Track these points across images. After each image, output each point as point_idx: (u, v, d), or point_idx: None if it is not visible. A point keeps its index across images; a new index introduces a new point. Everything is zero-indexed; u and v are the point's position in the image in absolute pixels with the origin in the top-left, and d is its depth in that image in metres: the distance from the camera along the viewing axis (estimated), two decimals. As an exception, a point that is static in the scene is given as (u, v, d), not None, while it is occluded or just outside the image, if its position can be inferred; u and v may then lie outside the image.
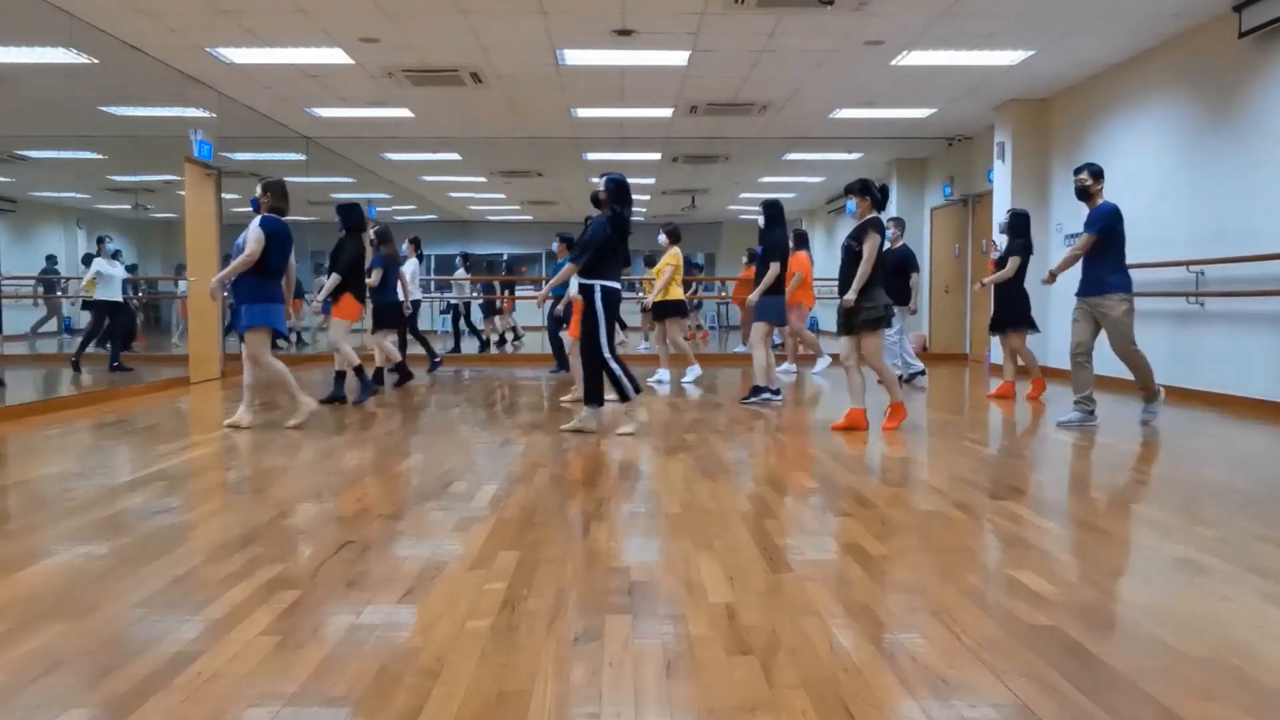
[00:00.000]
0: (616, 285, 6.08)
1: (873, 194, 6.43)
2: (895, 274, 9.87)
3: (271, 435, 6.15)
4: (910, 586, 2.91)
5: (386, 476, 4.78)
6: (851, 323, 6.24)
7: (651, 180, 17.70)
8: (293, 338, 14.92)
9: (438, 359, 11.13)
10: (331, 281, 7.78)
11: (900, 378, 9.73)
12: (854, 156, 14.76)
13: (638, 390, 6.17)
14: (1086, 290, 6.44)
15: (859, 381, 6.39)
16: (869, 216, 6.37)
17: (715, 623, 2.57)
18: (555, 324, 9.52)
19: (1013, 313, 8.12)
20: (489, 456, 5.36)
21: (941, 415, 7.34)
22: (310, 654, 2.35)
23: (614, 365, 6.01)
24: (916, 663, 2.29)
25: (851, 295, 6.18)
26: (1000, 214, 10.92)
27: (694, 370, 10.01)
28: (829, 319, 11.66)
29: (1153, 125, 8.76)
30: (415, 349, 11.08)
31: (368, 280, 8.94)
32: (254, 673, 2.24)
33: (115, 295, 10.83)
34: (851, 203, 6.54)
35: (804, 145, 13.66)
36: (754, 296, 7.73)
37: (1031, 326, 8.18)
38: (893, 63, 9.03)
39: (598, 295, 5.91)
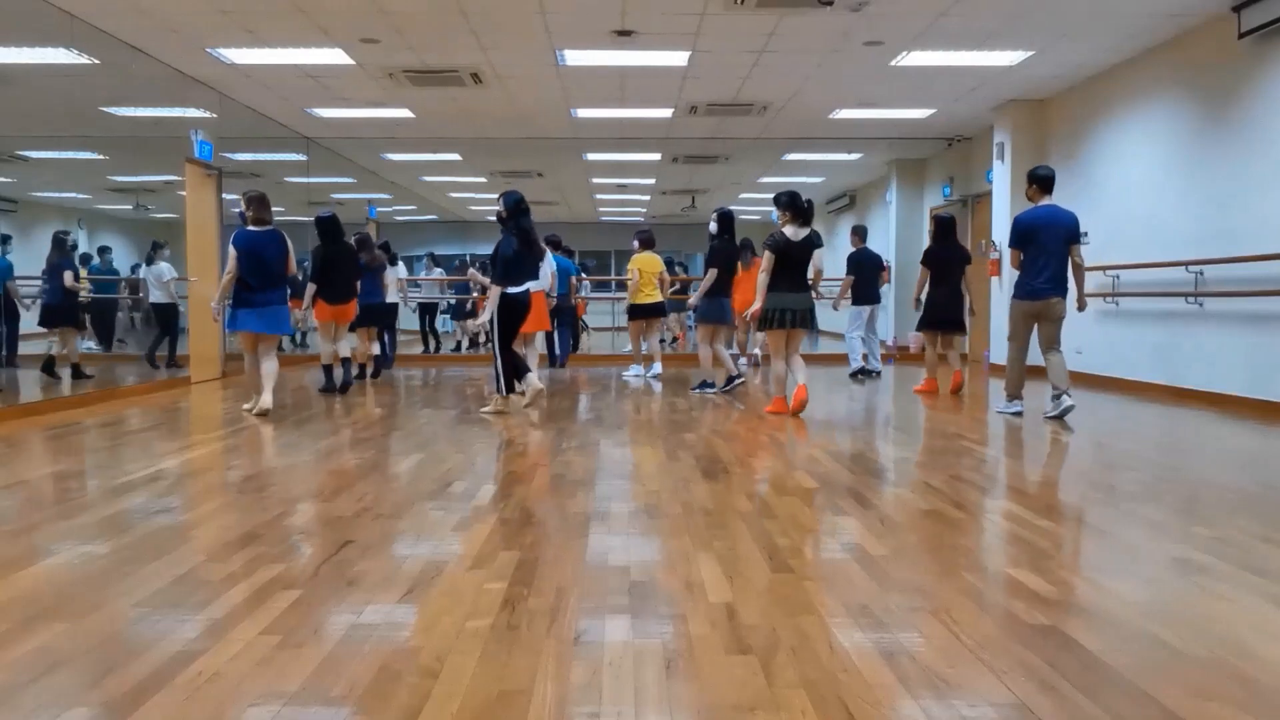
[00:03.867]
0: (520, 290, 6.92)
1: (796, 208, 6.96)
2: (872, 273, 10.17)
3: (272, 435, 6.16)
4: (910, 586, 2.91)
5: (386, 476, 4.79)
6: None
7: (651, 180, 17.70)
8: (298, 338, 14.93)
9: (388, 363, 11.61)
10: (310, 291, 8.57)
11: (868, 371, 10.09)
12: (854, 157, 14.76)
13: (511, 390, 7.08)
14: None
15: (799, 365, 7.09)
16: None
17: (715, 622, 2.57)
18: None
19: (954, 315, 8.57)
20: (489, 456, 5.37)
21: (941, 415, 7.35)
22: (310, 653, 2.36)
23: (500, 360, 6.95)
24: (916, 662, 2.30)
25: (758, 305, 6.95)
26: (1001, 214, 10.96)
27: (637, 369, 10.46)
28: (833, 320, 11.72)
29: (1152, 126, 8.76)
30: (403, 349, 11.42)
31: None
32: (254, 672, 2.24)
33: (163, 298, 11.37)
34: (775, 214, 7.13)
35: (804, 145, 13.67)
36: (694, 300, 8.61)
37: (962, 328, 8.69)
38: (892, 63, 9.03)
39: (497, 300, 6.82)
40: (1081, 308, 6.93)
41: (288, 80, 9.74)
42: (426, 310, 15.00)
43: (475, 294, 14.85)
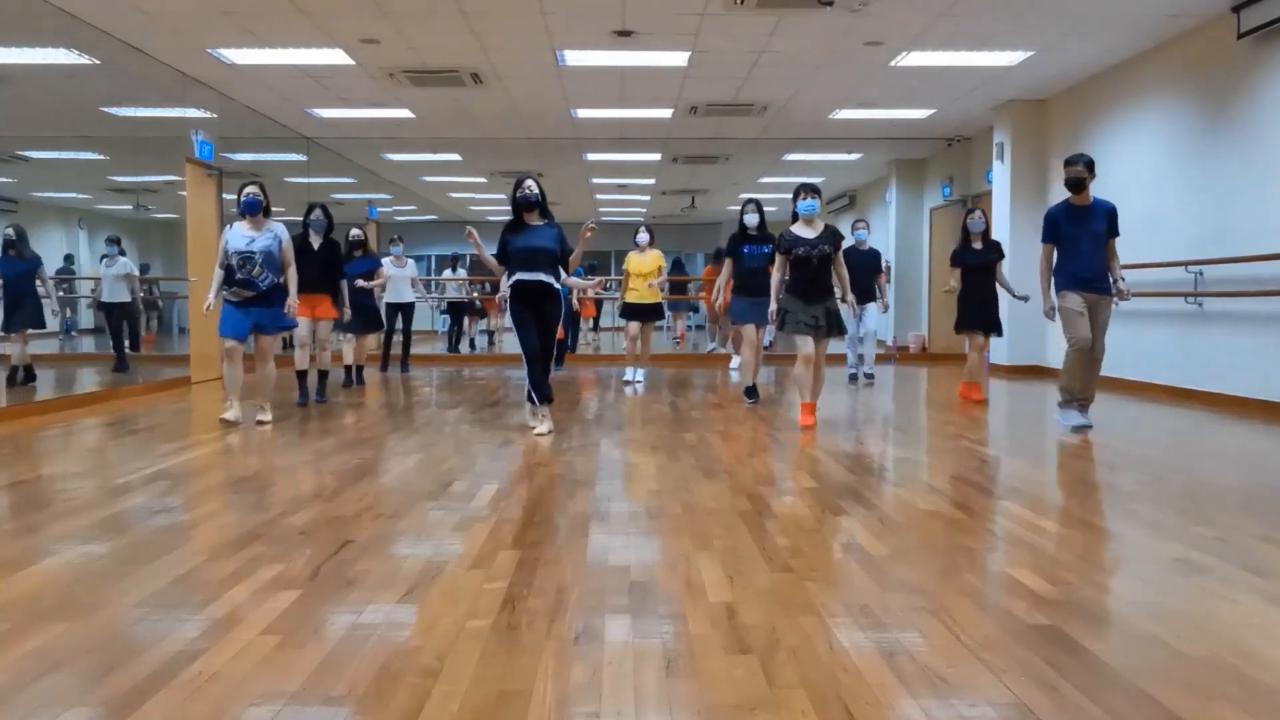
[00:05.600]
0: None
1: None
2: (869, 274, 9.90)
3: (272, 435, 6.16)
4: (910, 586, 2.91)
5: (386, 476, 4.79)
6: (831, 326, 6.44)
7: (651, 180, 17.71)
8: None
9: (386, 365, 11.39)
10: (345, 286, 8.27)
11: (864, 375, 9.87)
12: (854, 157, 14.77)
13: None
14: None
15: (822, 379, 6.64)
16: (829, 224, 6.68)
17: (715, 622, 2.57)
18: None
19: (992, 315, 8.08)
20: (489, 456, 5.37)
21: (940, 415, 7.35)
22: (311, 653, 2.36)
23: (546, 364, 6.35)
24: (916, 662, 2.30)
25: (853, 298, 6.63)
26: (1000, 214, 10.96)
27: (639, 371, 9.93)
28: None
29: (1152, 126, 8.77)
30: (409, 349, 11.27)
31: (368, 283, 9.32)
32: (255, 672, 2.24)
33: (110, 296, 11.07)
34: (815, 203, 6.53)
35: (804, 146, 13.67)
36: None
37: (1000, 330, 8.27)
38: (892, 63, 9.03)
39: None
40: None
41: (288, 80, 9.74)
42: (459, 310, 15.00)
43: (477, 294, 14.91)
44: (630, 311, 9.52)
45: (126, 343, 11.19)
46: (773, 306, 6.67)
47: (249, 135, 12.12)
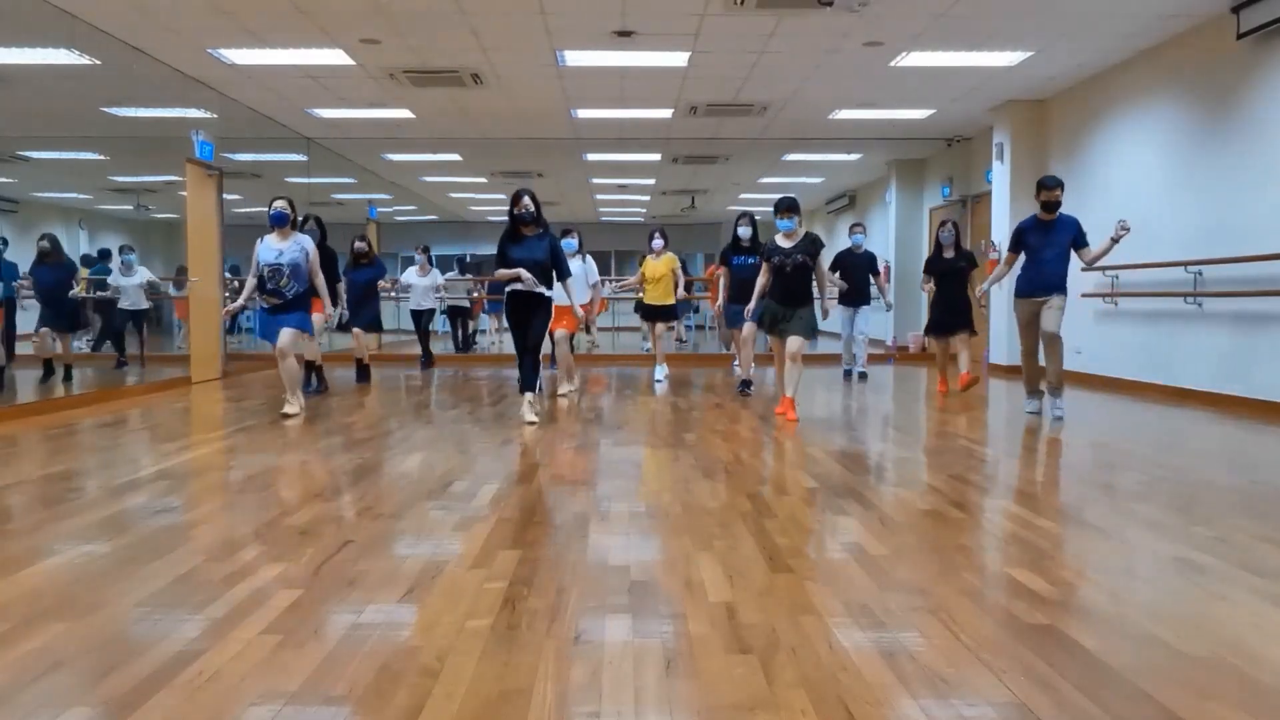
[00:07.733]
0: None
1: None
2: (865, 277, 10.05)
3: (272, 435, 6.16)
4: (910, 586, 2.91)
5: (387, 476, 4.79)
6: (798, 328, 6.84)
7: (651, 181, 17.70)
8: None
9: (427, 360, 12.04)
10: (343, 288, 8.76)
11: (858, 374, 10.16)
12: (853, 157, 14.77)
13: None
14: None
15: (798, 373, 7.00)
16: (809, 232, 7.03)
17: (715, 622, 2.58)
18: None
19: (966, 317, 8.53)
20: (489, 456, 5.37)
21: (940, 415, 7.35)
22: (311, 653, 2.36)
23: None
24: (916, 662, 2.30)
25: (833, 297, 7.15)
26: (1000, 214, 10.97)
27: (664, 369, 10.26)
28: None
29: (1151, 126, 8.77)
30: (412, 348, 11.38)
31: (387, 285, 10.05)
32: (255, 671, 2.24)
33: (133, 304, 11.35)
34: (793, 221, 6.92)
35: (803, 146, 13.67)
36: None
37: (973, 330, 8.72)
38: (892, 64, 9.04)
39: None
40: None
41: (288, 80, 9.74)
42: (458, 313, 15.04)
43: (475, 295, 14.95)
44: (645, 312, 10.16)
45: (144, 346, 11.51)
46: (750, 304, 7.33)
47: (249, 135, 12.12)
